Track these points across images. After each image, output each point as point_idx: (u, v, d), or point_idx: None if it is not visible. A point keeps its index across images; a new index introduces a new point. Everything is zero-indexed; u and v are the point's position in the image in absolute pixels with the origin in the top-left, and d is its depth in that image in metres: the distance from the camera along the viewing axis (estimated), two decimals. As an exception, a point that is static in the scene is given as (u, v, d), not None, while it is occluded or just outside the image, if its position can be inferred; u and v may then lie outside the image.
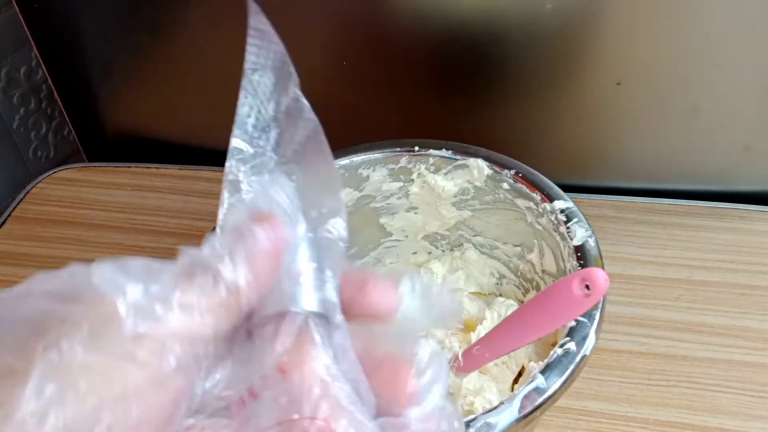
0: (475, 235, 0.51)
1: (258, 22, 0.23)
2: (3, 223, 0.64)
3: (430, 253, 0.54)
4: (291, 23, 0.59)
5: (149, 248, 0.60)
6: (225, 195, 0.22)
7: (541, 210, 0.44)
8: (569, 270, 0.41)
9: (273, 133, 0.23)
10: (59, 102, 0.69)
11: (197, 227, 0.62)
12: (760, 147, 0.59)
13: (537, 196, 0.44)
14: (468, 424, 0.33)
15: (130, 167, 0.69)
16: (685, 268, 0.55)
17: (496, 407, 0.33)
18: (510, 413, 0.33)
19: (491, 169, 0.46)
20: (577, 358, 0.35)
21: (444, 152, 0.48)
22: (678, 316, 0.52)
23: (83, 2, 0.61)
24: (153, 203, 0.65)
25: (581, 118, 0.60)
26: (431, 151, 0.48)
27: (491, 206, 0.48)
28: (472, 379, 0.40)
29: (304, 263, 0.21)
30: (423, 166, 0.48)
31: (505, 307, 0.46)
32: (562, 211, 0.43)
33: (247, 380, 0.19)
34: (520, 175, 0.46)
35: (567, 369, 0.35)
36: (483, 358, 0.40)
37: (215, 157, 0.69)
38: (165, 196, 0.65)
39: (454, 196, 0.49)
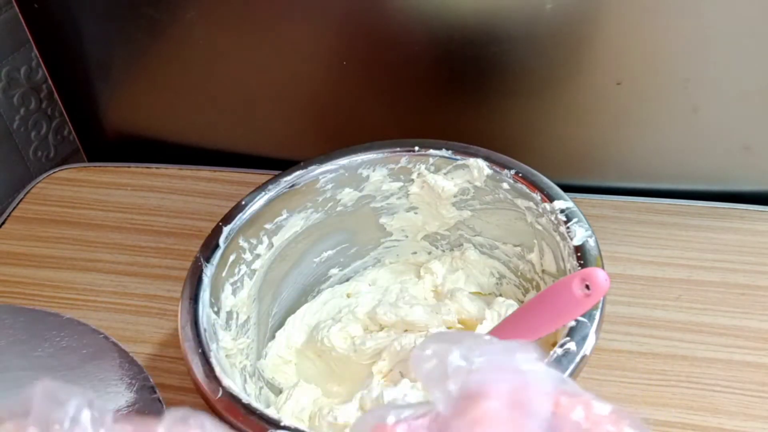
0: (475, 235, 0.51)
1: None
2: (3, 223, 0.64)
3: (430, 253, 0.54)
4: (291, 23, 0.59)
5: (149, 248, 0.60)
6: None
7: (541, 210, 0.44)
8: (569, 270, 0.41)
9: None
10: (59, 102, 0.69)
11: (197, 227, 0.62)
12: (760, 147, 0.59)
13: (537, 196, 0.44)
14: (468, 424, 0.33)
15: (130, 167, 0.69)
16: (685, 268, 0.55)
17: (496, 407, 0.33)
18: (510, 413, 0.33)
19: (491, 169, 0.46)
20: (577, 358, 0.35)
21: (444, 152, 0.48)
22: (678, 316, 0.52)
23: (83, 2, 0.61)
24: (153, 203, 0.65)
25: (581, 118, 0.60)
26: (431, 151, 0.48)
27: (491, 206, 0.48)
28: (472, 379, 0.40)
29: None
30: (423, 166, 0.48)
31: (505, 307, 0.46)
32: (562, 211, 0.43)
33: None
34: (520, 175, 0.46)
35: (567, 369, 0.35)
36: (483, 358, 0.40)
37: (215, 157, 0.69)
38: (165, 196, 0.65)
39: (454, 196, 0.49)
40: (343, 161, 0.48)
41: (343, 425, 0.41)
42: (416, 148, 0.48)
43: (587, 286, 0.33)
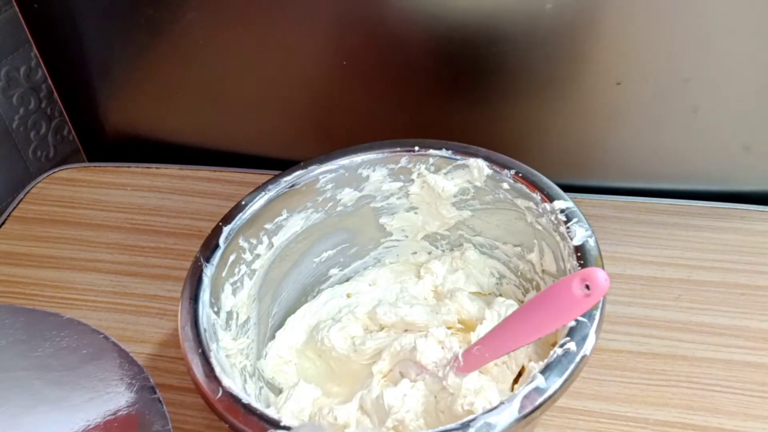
0: (475, 235, 0.51)
1: None
2: (3, 223, 0.64)
3: (430, 253, 0.54)
4: (291, 23, 0.59)
5: (149, 248, 0.60)
6: None
7: (541, 210, 0.44)
8: (569, 270, 0.41)
9: None
10: (59, 102, 0.69)
11: (197, 227, 0.62)
12: (760, 147, 0.59)
13: (537, 196, 0.44)
14: (468, 424, 0.33)
15: (130, 167, 0.69)
16: (685, 268, 0.55)
17: (496, 407, 0.33)
18: (510, 413, 0.33)
19: (491, 169, 0.46)
20: (577, 358, 0.35)
21: (444, 152, 0.48)
22: (678, 316, 0.52)
23: (83, 2, 0.61)
24: (153, 203, 0.65)
25: (581, 118, 0.60)
26: (431, 151, 0.48)
27: (491, 206, 0.48)
28: (472, 379, 0.40)
29: None
30: (423, 166, 0.48)
31: (505, 307, 0.46)
32: (562, 211, 0.43)
33: None
34: (520, 175, 0.46)
35: (567, 369, 0.35)
36: (483, 358, 0.40)
37: (215, 157, 0.69)
38: (165, 196, 0.65)
39: (454, 196, 0.49)
40: (343, 161, 0.48)
41: (343, 425, 0.41)
42: (416, 148, 0.48)
43: (587, 286, 0.33)
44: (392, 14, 0.57)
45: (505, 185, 0.46)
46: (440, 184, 0.48)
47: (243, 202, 0.46)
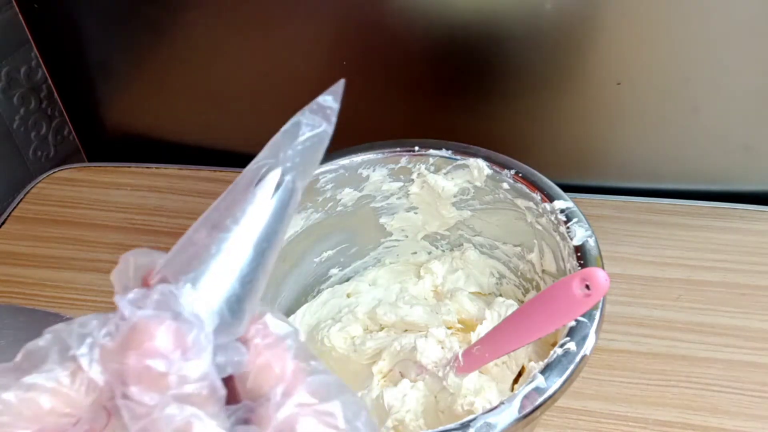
0: (475, 235, 0.51)
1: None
2: (3, 223, 0.64)
3: (430, 252, 0.54)
4: (292, 23, 0.59)
5: (149, 248, 0.60)
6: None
7: (541, 210, 0.44)
8: (569, 270, 0.41)
9: None
10: (59, 102, 0.69)
11: (197, 227, 0.61)
12: (760, 147, 0.59)
13: (537, 196, 0.44)
14: (468, 424, 0.33)
15: (130, 167, 0.69)
16: (685, 268, 0.55)
17: (496, 407, 0.33)
18: (510, 413, 0.33)
19: (491, 169, 0.46)
20: (577, 358, 0.35)
21: (444, 152, 0.48)
22: (678, 316, 0.52)
23: (83, 2, 0.61)
24: (153, 203, 0.65)
25: (581, 118, 0.60)
26: (431, 151, 0.48)
27: (491, 206, 0.48)
28: (472, 379, 0.40)
29: None
30: (423, 166, 0.48)
31: (505, 307, 0.46)
32: (562, 211, 0.43)
33: None
34: (520, 175, 0.45)
35: (567, 369, 0.35)
36: (483, 358, 0.40)
37: (215, 157, 0.69)
38: (165, 196, 0.65)
39: (454, 196, 0.49)
40: (343, 161, 0.48)
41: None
42: (416, 148, 0.48)
43: (587, 286, 0.33)
44: (392, 14, 0.57)
45: (505, 185, 0.46)
46: (440, 184, 0.48)
47: (243, 202, 0.45)
